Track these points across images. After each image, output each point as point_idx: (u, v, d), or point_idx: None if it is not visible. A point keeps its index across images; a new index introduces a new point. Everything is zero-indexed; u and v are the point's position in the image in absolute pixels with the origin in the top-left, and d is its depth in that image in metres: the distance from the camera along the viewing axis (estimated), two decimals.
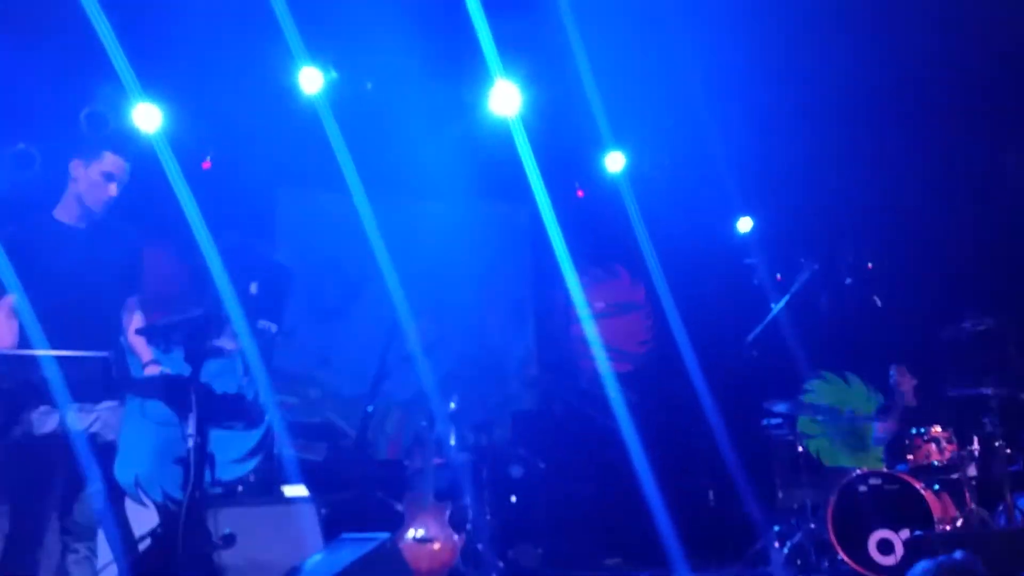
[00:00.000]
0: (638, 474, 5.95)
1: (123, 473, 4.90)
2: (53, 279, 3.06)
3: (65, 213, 3.26)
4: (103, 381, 2.75)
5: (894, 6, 5.56)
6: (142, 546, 4.37)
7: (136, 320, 3.30)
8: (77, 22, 4.89)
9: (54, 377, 2.74)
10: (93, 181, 3.22)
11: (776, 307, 6.63)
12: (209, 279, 3.62)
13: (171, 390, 2.80)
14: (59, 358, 2.73)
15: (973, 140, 6.52)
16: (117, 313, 3.27)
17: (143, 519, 4.63)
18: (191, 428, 2.68)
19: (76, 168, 3.23)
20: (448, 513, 5.08)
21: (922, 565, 1.80)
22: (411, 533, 4.96)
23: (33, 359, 2.72)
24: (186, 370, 2.78)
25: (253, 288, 2.79)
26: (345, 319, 6.97)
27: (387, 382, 6.20)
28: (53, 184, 3.35)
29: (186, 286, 6.36)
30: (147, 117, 5.72)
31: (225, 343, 2.83)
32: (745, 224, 7.56)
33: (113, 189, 3.24)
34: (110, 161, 3.24)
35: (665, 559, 5.57)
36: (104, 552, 3.86)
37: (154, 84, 5.68)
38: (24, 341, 2.93)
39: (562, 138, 6.80)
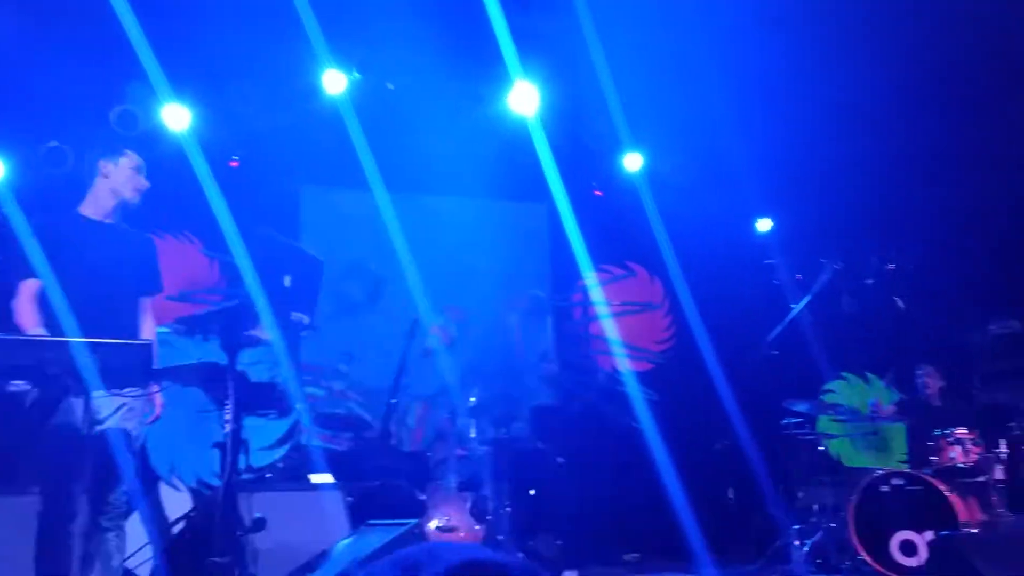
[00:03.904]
0: (657, 471, 5.97)
1: (158, 459, 5.03)
2: (78, 272, 3.17)
3: (92, 208, 3.40)
4: (143, 368, 2.83)
5: (918, 5, 5.54)
6: (176, 529, 4.48)
7: (149, 322, 3.42)
8: (107, 23, 5.00)
9: (88, 365, 2.82)
10: (128, 175, 3.43)
11: (796, 307, 6.63)
12: (240, 273, 3.73)
13: (209, 378, 2.89)
14: (92, 346, 2.81)
15: (1000, 141, 6.44)
16: (135, 309, 3.38)
17: (177, 503, 4.76)
18: (228, 415, 2.77)
19: (106, 166, 3.42)
20: (470, 504, 5.16)
21: None
22: (434, 522, 5.05)
23: (68, 346, 2.80)
24: (223, 359, 2.87)
25: (287, 281, 2.87)
26: (368, 315, 7.07)
27: (408, 376, 6.28)
28: (79, 181, 3.50)
29: (216, 279, 6.51)
30: (176, 117, 5.86)
31: (260, 333, 2.92)
32: (765, 224, 7.58)
33: (144, 179, 3.48)
34: (133, 156, 3.48)
35: (684, 555, 5.58)
36: (139, 535, 3.97)
37: (183, 84, 5.81)
38: (55, 329, 3.03)
39: (580, 138, 6.85)
